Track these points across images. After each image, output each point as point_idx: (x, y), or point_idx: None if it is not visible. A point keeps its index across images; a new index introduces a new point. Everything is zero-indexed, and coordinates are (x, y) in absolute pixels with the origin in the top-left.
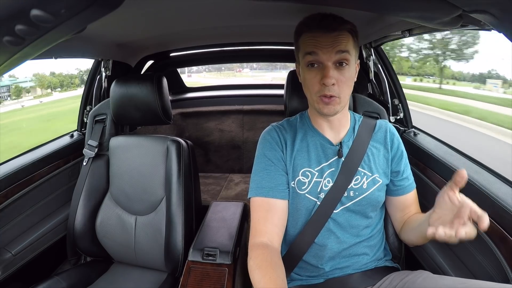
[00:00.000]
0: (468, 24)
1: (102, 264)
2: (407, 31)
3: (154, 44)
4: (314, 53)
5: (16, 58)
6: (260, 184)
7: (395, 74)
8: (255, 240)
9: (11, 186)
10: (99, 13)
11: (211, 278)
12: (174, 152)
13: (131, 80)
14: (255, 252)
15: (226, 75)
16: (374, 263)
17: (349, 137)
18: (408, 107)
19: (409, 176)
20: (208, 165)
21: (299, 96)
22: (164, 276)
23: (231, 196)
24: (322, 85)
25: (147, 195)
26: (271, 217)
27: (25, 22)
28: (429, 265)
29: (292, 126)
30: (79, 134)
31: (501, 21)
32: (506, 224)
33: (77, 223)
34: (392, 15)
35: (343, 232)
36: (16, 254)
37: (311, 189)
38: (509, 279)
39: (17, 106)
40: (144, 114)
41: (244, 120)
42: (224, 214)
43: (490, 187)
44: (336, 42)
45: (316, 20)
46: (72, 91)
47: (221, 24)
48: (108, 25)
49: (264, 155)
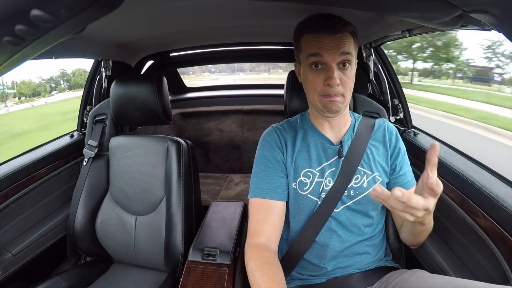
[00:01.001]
0: (468, 24)
1: (102, 264)
2: (407, 31)
3: (154, 44)
4: (318, 54)
5: (16, 58)
6: (259, 185)
7: (395, 74)
8: (253, 240)
9: (11, 186)
10: (99, 13)
11: (211, 278)
12: (174, 152)
13: (131, 80)
14: (255, 253)
15: (190, 79)
16: (375, 263)
17: (349, 137)
18: (408, 107)
19: (407, 174)
20: (208, 165)
21: (299, 96)
22: (164, 276)
23: (231, 196)
24: (327, 86)
25: (147, 195)
26: (269, 218)
27: (25, 22)
28: (429, 265)
29: (292, 126)
30: (79, 134)
31: (501, 21)
32: (506, 224)
33: (77, 223)
34: (392, 15)
35: (344, 230)
36: (16, 254)
37: (313, 189)
38: (509, 279)
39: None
40: (144, 114)
41: (244, 120)
42: (224, 214)
43: (490, 187)
44: (340, 43)
45: (320, 22)
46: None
47: (221, 24)
48: (108, 25)
49: (264, 157)
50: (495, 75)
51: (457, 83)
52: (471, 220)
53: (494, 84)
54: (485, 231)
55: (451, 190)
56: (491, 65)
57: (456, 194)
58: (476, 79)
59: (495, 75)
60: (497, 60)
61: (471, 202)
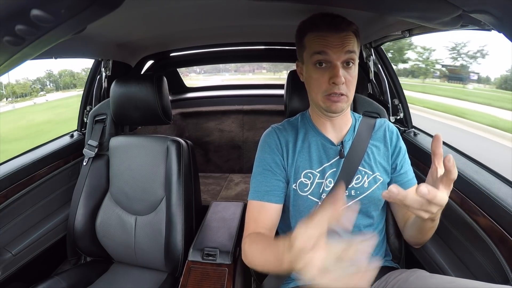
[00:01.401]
0: (468, 24)
1: (102, 264)
2: (407, 31)
3: (154, 44)
4: (324, 52)
5: (16, 58)
6: (258, 187)
7: (395, 74)
8: (248, 235)
9: (11, 186)
10: (99, 13)
11: (211, 278)
12: (174, 152)
13: (131, 80)
14: (247, 238)
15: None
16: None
17: (350, 137)
18: (408, 107)
19: (407, 172)
20: (208, 165)
21: (299, 96)
22: (164, 276)
23: (231, 196)
24: (331, 84)
25: (147, 195)
26: (264, 219)
27: (25, 22)
28: (428, 265)
29: (293, 126)
30: (79, 134)
31: (501, 21)
32: (506, 224)
33: (77, 223)
34: (392, 15)
35: (344, 230)
36: (16, 254)
37: (313, 190)
38: (509, 279)
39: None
40: (144, 114)
41: (244, 120)
42: (224, 214)
43: (490, 187)
44: (345, 42)
45: (325, 20)
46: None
47: (221, 24)
48: (108, 25)
49: (263, 159)
50: (471, 74)
51: (434, 81)
52: (471, 220)
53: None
54: (485, 231)
55: (451, 190)
56: (456, 64)
57: (456, 194)
58: (453, 78)
59: (471, 74)
60: (461, 60)
61: (471, 202)
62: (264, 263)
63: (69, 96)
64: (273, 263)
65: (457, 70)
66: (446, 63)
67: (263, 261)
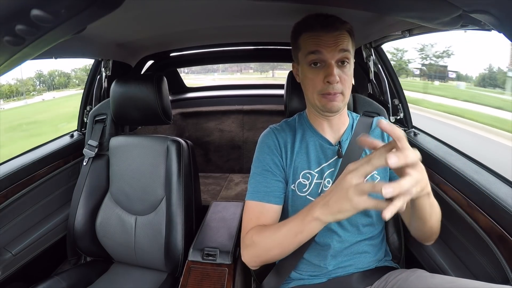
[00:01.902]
0: (468, 24)
1: (102, 264)
2: (407, 31)
3: (154, 44)
4: (318, 51)
5: (16, 58)
6: (256, 188)
7: (395, 74)
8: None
9: (11, 186)
10: (99, 13)
11: (211, 278)
12: (174, 152)
13: (131, 80)
14: (253, 230)
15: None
16: (375, 263)
17: (347, 136)
18: (408, 107)
19: None
20: (208, 165)
21: (299, 96)
22: (164, 276)
23: (231, 196)
24: (326, 84)
25: (147, 195)
26: (263, 220)
27: (26, 22)
28: (428, 265)
29: (290, 127)
30: (79, 134)
31: (501, 21)
32: (506, 224)
33: (77, 223)
34: (392, 15)
35: (344, 230)
36: (16, 254)
37: (311, 190)
38: (509, 279)
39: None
40: (144, 114)
41: (244, 120)
42: (224, 214)
43: (490, 187)
44: (339, 41)
45: (318, 20)
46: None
47: (221, 24)
48: (108, 25)
49: (261, 160)
50: (449, 72)
51: (414, 80)
52: (471, 220)
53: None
54: (485, 231)
55: (451, 190)
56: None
57: (456, 194)
58: (434, 77)
59: (450, 72)
60: (429, 59)
61: (471, 202)
62: (282, 239)
63: (68, 95)
64: (293, 232)
65: (434, 69)
66: (418, 63)
67: (280, 237)
